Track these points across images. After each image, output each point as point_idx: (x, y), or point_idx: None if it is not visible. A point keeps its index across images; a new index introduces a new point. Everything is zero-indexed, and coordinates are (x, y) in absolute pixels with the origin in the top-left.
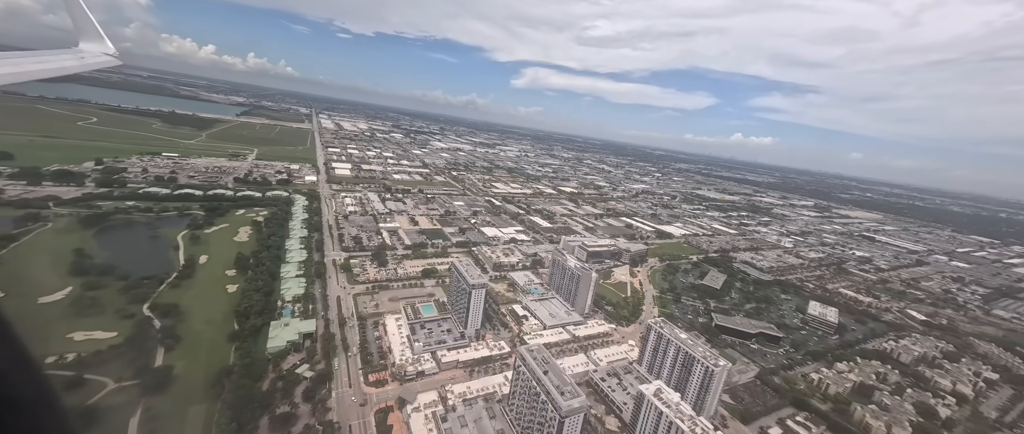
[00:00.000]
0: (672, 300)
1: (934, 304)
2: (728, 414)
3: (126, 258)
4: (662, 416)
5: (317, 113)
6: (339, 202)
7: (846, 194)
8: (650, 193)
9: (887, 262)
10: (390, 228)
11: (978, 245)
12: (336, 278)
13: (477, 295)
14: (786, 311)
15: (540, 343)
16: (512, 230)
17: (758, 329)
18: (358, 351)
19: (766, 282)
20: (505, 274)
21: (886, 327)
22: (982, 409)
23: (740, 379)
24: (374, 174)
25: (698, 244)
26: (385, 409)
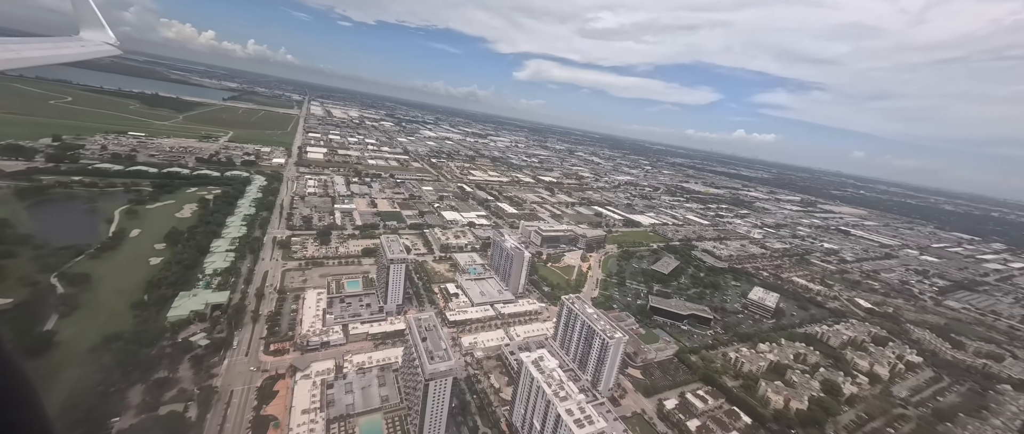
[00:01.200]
0: (616, 283)
1: (886, 294)
2: (631, 387)
3: (53, 230)
4: (533, 380)
5: (310, 100)
6: (301, 184)
7: (838, 191)
8: (634, 185)
9: (853, 254)
10: (345, 209)
11: (957, 241)
12: (271, 254)
13: (396, 270)
14: (730, 296)
15: (463, 319)
16: (474, 215)
17: (690, 311)
18: (266, 322)
19: (719, 269)
20: (450, 255)
21: (828, 313)
22: (893, 389)
23: (657, 356)
24: (349, 159)
25: (664, 233)
26: (275, 376)
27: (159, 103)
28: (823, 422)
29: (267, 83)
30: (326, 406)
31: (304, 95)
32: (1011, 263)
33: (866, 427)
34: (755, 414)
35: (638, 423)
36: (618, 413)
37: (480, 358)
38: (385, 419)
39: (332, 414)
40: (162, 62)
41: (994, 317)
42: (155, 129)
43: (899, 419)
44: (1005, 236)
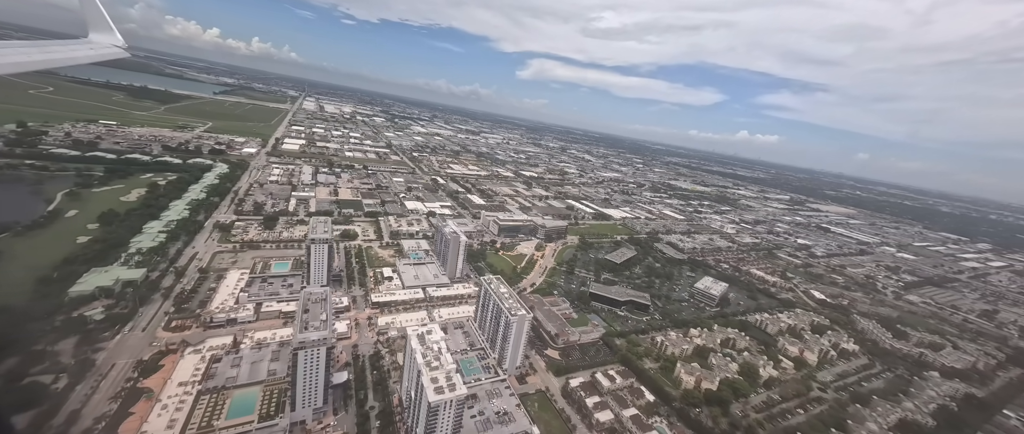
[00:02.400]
0: (564, 271)
1: (846, 287)
2: (544, 367)
3: None
4: (412, 353)
5: (306, 96)
6: (266, 173)
7: (834, 191)
8: (619, 181)
9: (826, 250)
10: (302, 197)
11: (942, 241)
12: (208, 237)
13: (317, 250)
14: (681, 286)
15: (386, 300)
16: (438, 205)
17: (629, 297)
18: (175, 300)
19: (677, 261)
20: (398, 241)
21: (777, 304)
22: (818, 374)
23: (581, 338)
24: (326, 151)
25: (633, 226)
26: (165, 351)
27: (145, 95)
28: (730, 402)
29: (267, 79)
30: (205, 379)
31: (302, 91)
32: (991, 262)
33: (776, 408)
34: (661, 393)
35: (539, 399)
36: (522, 390)
37: (393, 337)
38: (264, 392)
39: (208, 386)
40: (163, 58)
41: (952, 311)
42: (130, 119)
43: (814, 401)
44: (995, 237)
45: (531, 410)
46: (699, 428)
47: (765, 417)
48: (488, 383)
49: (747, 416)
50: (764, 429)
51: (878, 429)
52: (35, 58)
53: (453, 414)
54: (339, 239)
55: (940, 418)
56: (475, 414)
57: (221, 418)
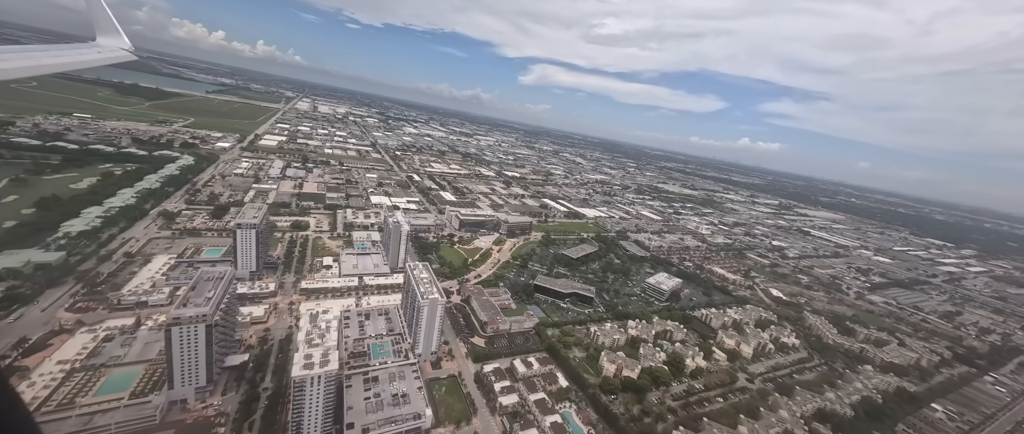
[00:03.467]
0: (518, 265)
1: (809, 287)
2: (464, 353)
3: None
4: (299, 330)
5: (302, 97)
6: (234, 166)
7: (828, 198)
8: (605, 183)
9: (799, 252)
10: (263, 189)
11: (926, 246)
12: (150, 223)
13: (244, 235)
14: (636, 281)
15: (315, 287)
16: (404, 200)
17: (573, 290)
18: (87, 282)
19: (639, 258)
20: (350, 232)
21: (732, 300)
22: (751, 366)
23: (512, 327)
24: (306, 147)
25: (604, 225)
26: (59, 331)
27: (133, 92)
28: (648, 389)
29: (269, 81)
30: (89, 357)
31: (300, 92)
32: (970, 267)
33: (695, 396)
34: (578, 380)
35: (448, 384)
36: (434, 375)
37: None
38: (149, 370)
39: (87, 364)
40: (166, 59)
41: (913, 311)
42: (108, 113)
43: (738, 391)
44: (984, 244)
45: (437, 394)
46: (607, 413)
47: (682, 405)
48: (395, 366)
49: (664, 403)
50: (676, 415)
51: (788, 416)
52: (45, 62)
53: (321, 390)
54: (289, 229)
55: (860, 408)
56: (370, 396)
57: (88, 396)
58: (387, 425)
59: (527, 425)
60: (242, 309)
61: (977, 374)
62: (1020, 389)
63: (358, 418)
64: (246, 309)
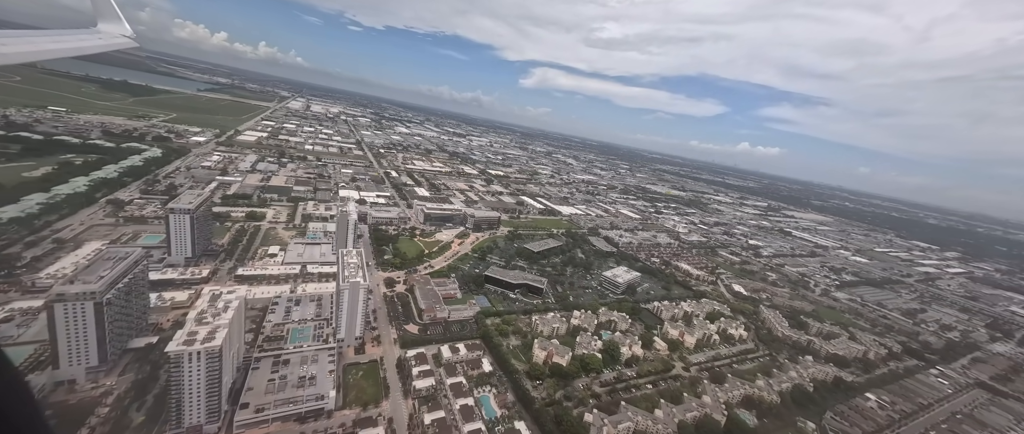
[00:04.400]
0: (476, 258)
1: (775, 283)
2: (394, 338)
3: None
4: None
5: (297, 96)
6: (204, 159)
7: (821, 201)
8: (592, 183)
9: (775, 251)
10: (228, 181)
11: (909, 248)
12: (96, 211)
13: (177, 220)
14: (596, 274)
15: (252, 274)
16: (374, 194)
17: (523, 281)
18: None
19: (605, 253)
20: (306, 223)
21: (690, 294)
22: (692, 355)
23: (451, 316)
24: (288, 144)
25: (578, 222)
26: None
27: (121, 88)
28: (576, 375)
29: (267, 82)
30: None
31: (298, 93)
32: (949, 268)
33: (624, 382)
34: (505, 366)
35: (367, 368)
36: (355, 359)
37: None
38: (38, 350)
39: None
40: (166, 58)
41: (875, 308)
42: (87, 107)
43: (671, 378)
44: (971, 247)
45: (352, 377)
46: (526, 397)
47: (608, 391)
48: (311, 350)
49: (589, 389)
50: (599, 400)
51: (711, 401)
52: (46, 47)
53: (202, 367)
54: (244, 219)
55: (789, 396)
56: (275, 377)
57: None
58: (285, 405)
59: (436, 407)
60: (166, 294)
61: (923, 367)
62: (964, 382)
63: (255, 398)
64: (169, 294)
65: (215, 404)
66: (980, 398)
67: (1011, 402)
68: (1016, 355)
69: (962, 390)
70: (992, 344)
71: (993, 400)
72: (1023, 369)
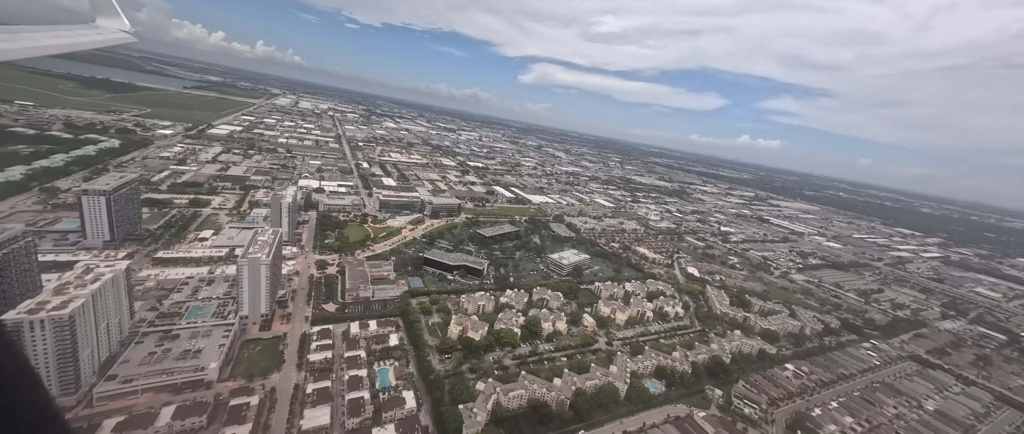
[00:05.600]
0: (425, 242)
1: (734, 267)
2: (308, 316)
3: None
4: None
5: (288, 94)
6: (164, 150)
7: (814, 192)
8: (575, 175)
9: (745, 237)
10: (182, 170)
11: (890, 235)
12: (26, 198)
13: (92, 203)
14: (546, 258)
15: (171, 257)
16: (336, 184)
17: (461, 263)
18: None
19: (563, 238)
20: (251, 210)
21: (641, 275)
22: (620, 332)
23: (374, 295)
24: (262, 137)
25: (545, 209)
26: None
27: (102, 85)
28: (488, 349)
29: (263, 80)
30: None
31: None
32: (925, 253)
33: (537, 356)
34: (416, 340)
35: (267, 343)
36: (258, 335)
37: (149, 288)
38: None
39: None
40: (162, 58)
41: (831, 288)
42: (57, 102)
43: (590, 352)
44: (956, 234)
45: (248, 352)
46: (428, 369)
47: (518, 363)
48: (206, 326)
49: (500, 362)
50: (506, 371)
51: (617, 370)
52: (45, 43)
53: (50, 337)
54: (187, 205)
55: (705, 367)
56: (157, 351)
57: None
58: (159, 376)
59: (325, 377)
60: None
61: (857, 341)
62: (895, 355)
63: (127, 370)
64: None
65: (71, 376)
66: (909, 369)
67: (938, 373)
68: (963, 331)
69: (892, 362)
70: (942, 321)
71: (921, 371)
72: (963, 344)
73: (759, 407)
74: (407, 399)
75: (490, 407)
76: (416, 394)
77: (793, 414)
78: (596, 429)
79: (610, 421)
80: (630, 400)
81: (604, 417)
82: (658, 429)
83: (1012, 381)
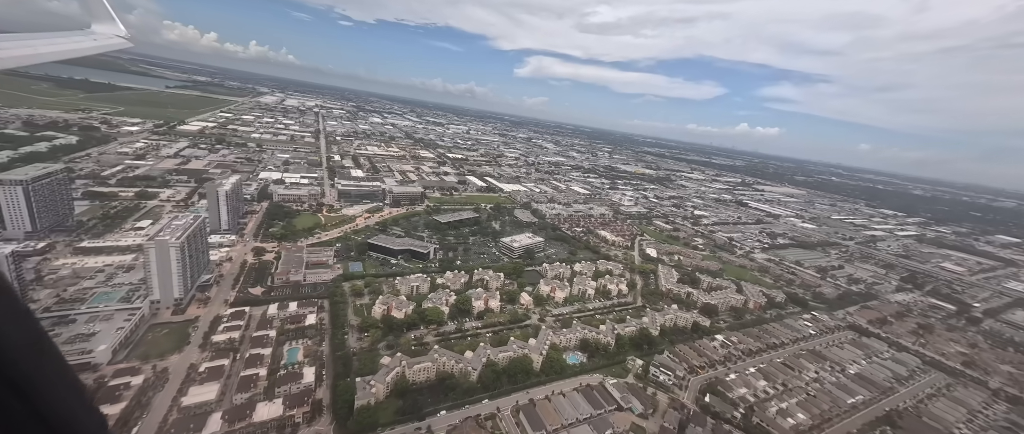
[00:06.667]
0: (378, 229)
1: (697, 247)
2: (230, 300)
3: None
4: None
5: (275, 92)
6: (126, 145)
7: (806, 177)
8: (558, 165)
9: (718, 219)
10: (138, 164)
11: (871, 215)
12: None
13: (7, 192)
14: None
15: (101, 245)
16: (298, 176)
17: (406, 247)
18: None
19: (525, 223)
20: (199, 200)
21: (595, 257)
22: (557, 309)
23: (307, 278)
24: (235, 133)
25: (515, 197)
26: None
27: (79, 86)
28: (411, 326)
29: (254, 80)
30: None
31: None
32: (900, 231)
33: (460, 333)
34: (337, 320)
35: (175, 326)
36: (170, 319)
37: (63, 275)
38: None
39: None
40: (152, 59)
41: (790, 267)
42: (23, 101)
43: (520, 328)
44: (941, 214)
45: (153, 335)
46: (342, 347)
47: (441, 340)
48: (109, 311)
49: (421, 339)
50: (426, 347)
51: (536, 343)
52: (41, 50)
53: None
54: (133, 197)
55: (630, 339)
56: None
57: None
58: None
59: (223, 356)
60: None
61: (799, 313)
62: (834, 325)
63: None
64: None
65: None
66: (844, 338)
67: (873, 341)
68: (913, 303)
69: (829, 332)
70: (895, 294)
71: (856, 340)
72: (909, 314)
73: (674, 374)
74: (306, 375)
75: (390, 379)
76: (320, 370)
77: (708, 380)
78: (503, 398)
79: (518, 390)
80: (545, 371)
81: (513, 387)
82: (564, 396)
83: (948, 347)
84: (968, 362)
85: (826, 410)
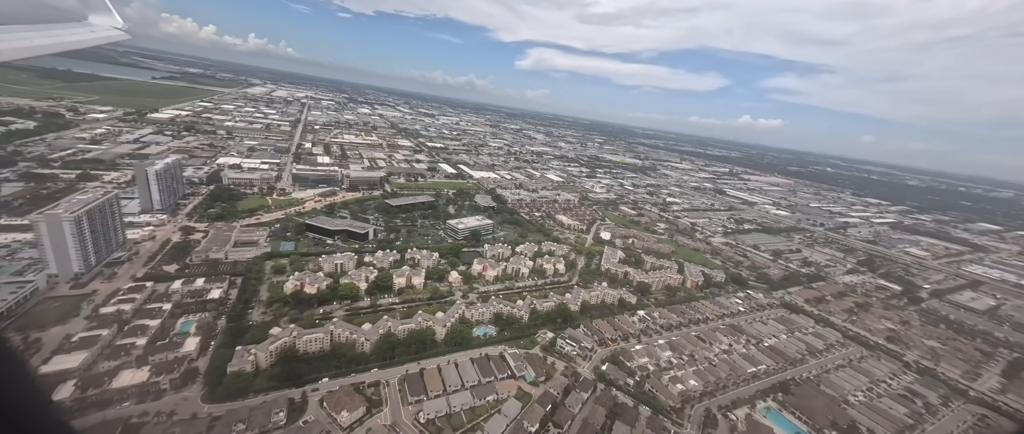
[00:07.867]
0: (324, 212)
1: (655, 232)
2: (139, 277)
3: None
4: None
5: (267, 83)
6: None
7: (799, 167)
8: (540, 154)
9: (689, 205)
10: (92, 148)
11: (852, 204)
12: None
13: None
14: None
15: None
16: (258, 161)
17: (343, 227)
18: None
19: (483, 208)
20: None
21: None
22: (484, 287)
23: (228, 257)
24: (211, 121)
25: (484, 184)
26: None
27: (57, 76)
28: (321, 302)
29: (249, 72)
30: None
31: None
32: (876, 219)
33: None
34: (247, 295)
35: (69, 300)
36: (70, 293)
37: None
38: None
39: None
40: (149, 53)
41: (745, 250)
42: None
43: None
44: (928, 203)
45: (44, 308)
46: (237, 317)
47: (352, 315)
48: None
49: (330, 314)
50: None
51: (442, 316)
52: (39, 42)
53: None
54: (76, 179)
55: (545, 314)
56: None
57: None
58: None
59: (105, 326)
60: None
61: (735, 291)
62: (767, 303)
63: None
64: None
65: None
66: (773, 315)
67: (800, 317)
68: (861, 284)
69: (759, 309)
70: (845, 276)
71: (784, 317)
72: (850, 294)
73: (580, 345)
74: (188, 345)
75: (275, 348)
76: (206, 341)
77: (615, 352)
78: (394, 367)
79: (413, 361)
80: (448, 343)
81: (409, 358)
82: (457, 365)
83: (877, 325)
84: (892, 337)
85: (723, 378)
